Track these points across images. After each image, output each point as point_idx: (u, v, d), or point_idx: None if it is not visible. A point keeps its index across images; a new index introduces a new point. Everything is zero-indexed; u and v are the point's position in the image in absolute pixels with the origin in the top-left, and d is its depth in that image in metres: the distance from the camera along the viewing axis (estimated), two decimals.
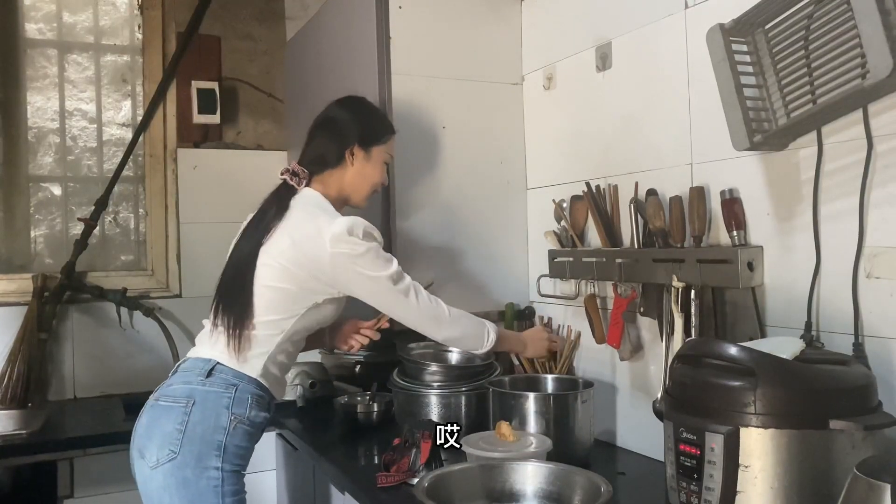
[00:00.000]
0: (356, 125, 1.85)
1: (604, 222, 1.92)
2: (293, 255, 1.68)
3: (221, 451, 1.61)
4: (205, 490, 1.59)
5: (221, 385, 1.65)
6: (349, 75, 2.37)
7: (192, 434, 1.60)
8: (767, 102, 1.42)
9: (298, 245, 1.68)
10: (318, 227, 1.68)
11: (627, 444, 1.92)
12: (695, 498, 1.20)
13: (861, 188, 1.34)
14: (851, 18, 1.20)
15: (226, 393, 1.64)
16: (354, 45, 2.32)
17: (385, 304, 1.76)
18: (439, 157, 2.23)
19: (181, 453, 1.58)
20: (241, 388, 1.66)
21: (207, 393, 1.63)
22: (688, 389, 1.27)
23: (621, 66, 1.93)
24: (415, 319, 1.78)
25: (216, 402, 1.63)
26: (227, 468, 1.62)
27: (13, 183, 2.90)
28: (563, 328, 2.14)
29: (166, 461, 1.58)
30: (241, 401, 1.65)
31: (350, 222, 1.68)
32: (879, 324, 1.33)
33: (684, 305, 1.60)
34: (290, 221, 1.72)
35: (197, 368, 1.67)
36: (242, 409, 1.65)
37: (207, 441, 1.60)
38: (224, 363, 1.67)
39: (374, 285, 1.71)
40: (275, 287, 1.69)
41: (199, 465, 1.59)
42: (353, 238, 1.67)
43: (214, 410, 1.62)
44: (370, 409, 2.21)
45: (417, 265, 2.18)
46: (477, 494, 1.42)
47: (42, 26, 2.95)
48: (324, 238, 1.66)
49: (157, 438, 1.61)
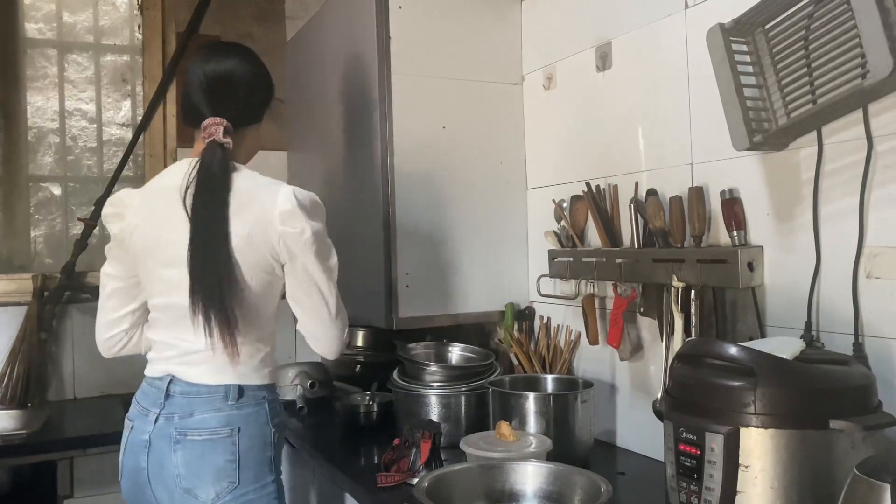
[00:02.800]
0: (270, 79, 1.72)
1: (604, 222, 1.92)
2: (252, 243, 1.52)
3: (272, 464, 1.60)
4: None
5: (254, 403, 1.57)
6: (349, 75, 2.37)
7: (247, 460, 1.54)
8: (767, 102, 1.42)
9: (254, 231, 1.52)
10: (262, 204, 1.52)
11: (627, 444, 1.92)
12: (695, 498, 1.20)
13: (861, 188, 1.34)
14: (851, 18, 1.20)
15: (262, 409, 1.58)
16: (354, 45, 2.32)
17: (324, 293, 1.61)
18: (439, 157, 2.23)
19: (241, 481, 1.53)
20: (270, 400, 1.61)
21: (248, 416, 1.55)
22: (688, 389, 1.27)
23: (621, 66, 1.93)
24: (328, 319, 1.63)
25: (257, 421, 1.57)
26: (278, 476, 1.62)
27: (13, 183, 2.90)
28: (562, 328, 2.14)
29: (227, 494, 1.52)
30: (275, 411, 1.62)
31: (302, 193, 1.55)
32: (879, 324, 1.33)
33: (684, 305, 1.60)
34: (237, 201, 1.53)
35: (220, 394, 1.55)
36: (277, 418, 1.62)
37: (260, 461, 1.57)
38: (247, 383, 1.57)
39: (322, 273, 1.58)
40: (254, 279, 1.54)
41: (258, 485, 1.56)
42: (302, 214, 1.53)
43: (259, 430, 1.57)
44: (370, 409, 2.22)
45: (417, 265, 2.19)
46: (477, 494, 1.42)
47: (42, 26, 2.95)
48: (272, 216, 1.52)
49: (208, 475, 1.52)
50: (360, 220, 2.31)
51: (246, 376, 1.57)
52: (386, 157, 2.17)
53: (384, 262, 2.16)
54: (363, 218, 2.28)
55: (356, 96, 2.31)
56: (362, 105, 2.26)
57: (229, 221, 1.51)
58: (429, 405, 1.95)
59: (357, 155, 2.33)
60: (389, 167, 2.17)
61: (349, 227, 2.34)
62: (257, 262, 1.53)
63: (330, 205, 2.22)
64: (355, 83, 2.31)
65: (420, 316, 2.20)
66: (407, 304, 2.17)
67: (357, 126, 2.32)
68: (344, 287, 2.23)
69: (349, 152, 2.40)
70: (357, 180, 2.33)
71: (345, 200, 2.43)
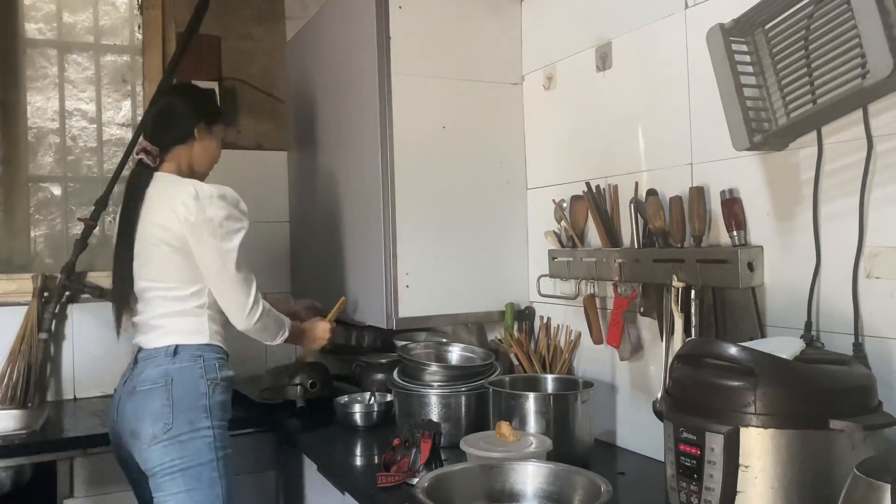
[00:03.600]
0: (201, 104, 2.06)
1: (604, 222, 1.92)
2: (170, 234, 1.87)
3: (209, 412, 1.85)
4: (202, 447, 1.83)
5: (189, 359, 1.88)
6: (349, 75, 2.37)
7: (180, 405, 1.83)
8: (767, 102, 1.42)
9: (165, 224, 1.87)
10: (171, 202, 1.87)
11: (627, 444, 1.92)
12: (695, 498, 1.20)
13: (861, 188, 1.34)
14: (851, 18, 1.20)
15: (195, 364, 1.88)
16: (354, 45, 2.32)
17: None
18: (439, 157, 2.23)
19: (174, 424, 1.81)
20: (206, 357, 1.89)
21: (181, 369, 1.86)
22: (688, 389, 1.27)
23: (621, 66, 1.93)
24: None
25: (191, 373, 1.86)
26: (216, 424, 1.86)
27: (13, 183, 2.90)
28: (562, 328, 2.14)
29: (162, 434, 1.81)
30: (210, 367, 1.89)
31: (204, 187, 1.87)
32: (879, 324, 1.33)
33: (684, 305, 1.60)
34: (150, 207, 1.92)
35: (161, 354, 1.89)
36: (214, 373, 1.89)
37: (195, 407, 1.84)
38: (181, 342, 1.89)
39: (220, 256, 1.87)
40: (173, 265, 1.89)
41: (192, 429, 1.83)
42: (203, 203, 1.85)
43: (192, 380, 1.86)
44: (370, 409, 2.22)
45: (417, 265, 2.19)
46: (477, 494, 1.42)
47: (42, 26, 2.95)
48: (178, 208, 1.85)
49: (148, 418, 1.83)
50: (360, 219, 2.32)
51: (184, 338, 1.90)
52: (386, 157, 2.17)
53: (384, 262, 2.16)
54: (363, 218, 2.28)
55: (356, 96, 2.31)
56: (362, 105, 2.26)
57: (138, 221, 1.93)
58: (429, 405, 1.95)
59: (357, 155, 2.33)
60: (389, 167, 2.17)
61: (349, 227, 2.34)
62: (174, 241, 1.87)
63: (330, 205, 2.24)
64: (355, 83, 2.31)
65: (420, 316, 2.21)
66: (407, 304, 2.17)
67: (357, 126, 2.32)
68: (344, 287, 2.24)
69: (349, 152, 2.40)
70: (357, 180, 2.33)
71: (345, 200, 2.43)
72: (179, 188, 1.89)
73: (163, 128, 2.01)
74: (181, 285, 1.90)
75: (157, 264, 1.92)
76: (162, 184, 1.95)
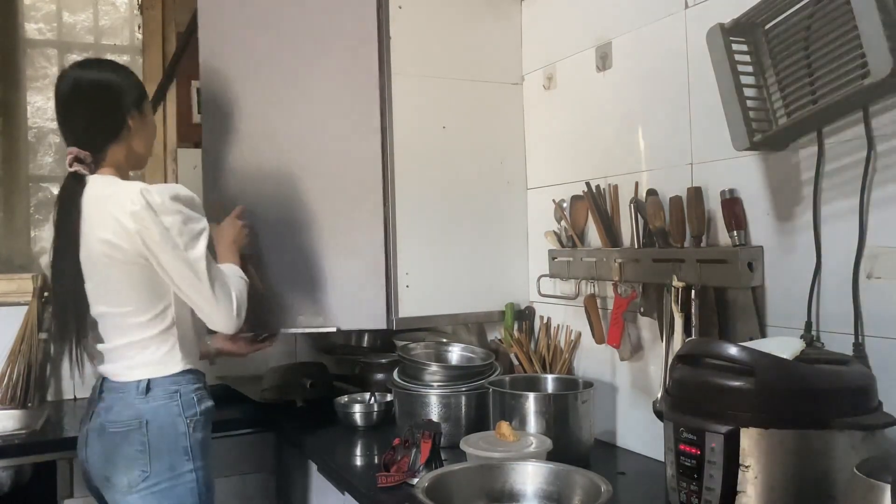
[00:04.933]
0: (127, 86, 1.74)
1: (604, 222, 1.92)
2: (121, 252, 1.61)
3: (190, 453, 1.66)
4: (183, 494, 1.64)
5: (164, 396, 1.66)
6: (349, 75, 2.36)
7: (158, 449, 1.63)
8: (767, 102, 1.42)
9: (113, 240, 1.61)
10: (116, 213, 1.59)
11: (627, 444, 1.92)
12: (695, 498, 1.20)
13: (861, 188, 1.34)
14: (851, 18, 1.20)
15: (172, 402, 1.66)
16: (355, 45, 2.32)
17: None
18: (439, 157, 2.23)
19: (153, 471, 1.62)
20: (184, 391, 1.68)
21: (156, 409, 1.65)
22: (688, 389, 1.27)
23: (621, 66, 1.93)
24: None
25: (167, 412, 1.65)
26: (198, 465, 1.67)
27: (13, 183, 2.90)
28: (562, 328, 2.14)
29: (140, 482, 1.62)
30: (188, 401, 1.68)
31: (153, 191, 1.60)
32: (879, 324, 1.33)
33: (684, 305, 1.60)
34: (90, 220, 1.64)
35: (131, 390, 1.66)
36: (193, 409, 1.68)
37: (174, 450, 1.65)
38: (153, 376, 1.67)
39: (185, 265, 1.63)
40: (130, 287, 1.65)
41: (173, 475, 1.64)
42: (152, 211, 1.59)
43: (169, 420, 1.65)
44: (370, 409, 2.22)
45: (417, 265, 2.19)
46: (477, 494, 1.42)
47: (42, 26, 2.95)
48: (127, 222, 1.58)
49: (122, 464, 1.63)
50: (360, 219, 2.31)
51: (155, 370, 1.67)
52: (386, 156, 2.17)
53: (384, 262, 2.16)
54: (363, 218, 2.28)
55: (356, 96, 2.31)
56: (362, 104, 2.26)
57: (80, 239, 1.64)
58: (429, 405, 1.95)
59: (357, 155, 2.32)
60: (389, 167, 2.17)
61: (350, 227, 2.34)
62: (129, 259, 1.62)
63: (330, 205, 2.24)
64: (355, 83, 2.31)
65: (420, 316, 2.21)
66: (407, 304, 2.17)
67: (357, 126, 2.31)
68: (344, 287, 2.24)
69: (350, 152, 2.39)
70: (357, 180, 2.33)
71: (345, 201, 2.43)
72: (124, 195, 1.59)
73: (86, 127, 1.71)
74: (141, 309, 1.65)
75: (113, 286, 1.66)
76: (99, 190, 1.65)
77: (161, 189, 1.61)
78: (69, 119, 1.73)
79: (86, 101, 1.71)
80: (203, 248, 1.63)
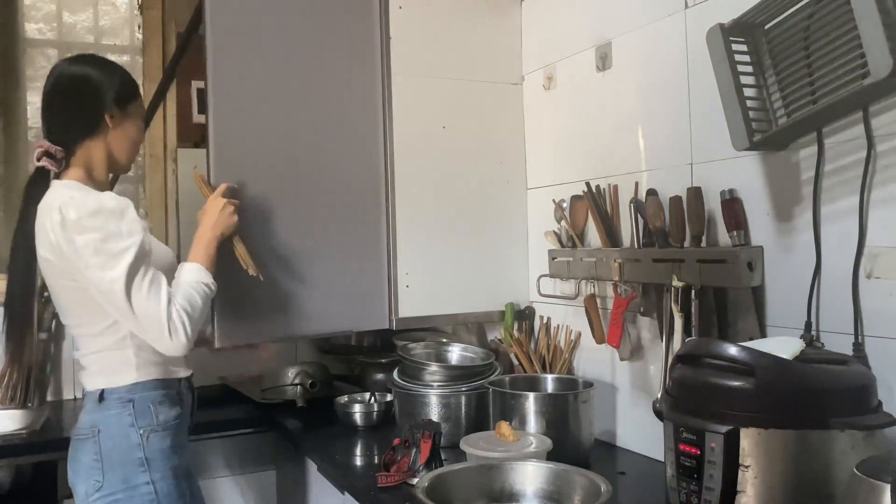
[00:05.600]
0: (110, 84, 1.68)
1: (604, 222, 1.92)
2: (57, 267, 1.59)
3: (146, 465, 1.62)
4: None
5: (117, 406, 1.63)
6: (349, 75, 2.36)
7: (110, 460, 1.61)
8: (767, 102, 1.42)
9: (48, 255, 1.59)
10: (45, 227, 1.56)
11: (627, 444, 1.92)
12: (695, 498, 1.20)
13: (861, 188, 1.34)
14: (851, 19, 1.20)
15: (125, 411, 1.63)
16: (355, 45, 2.32)
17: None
18: (439, 157, 2.23)
19: (105, 481, 1.60)
20: (138, 400, 1.64)
21: (107, 418, 1.63)
22: (688, 389, 1.27)
23: (621, 66, 1.93)
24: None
25: (118, 423, 1.62)
26: (157, 478, 1.62)
27: (13, 183, 2.90)
28: (562, 328, 2.14)
29: (94, 492, 1.61)
30: (143, 411, 1.64)
31: (70, 206, 1.53)
32: (879, 324, 1.33)
33: (684, 305, 1.60)
34: (37, 231, 1.61)
35: (91, 398, 1.66)
36: (148, 419, 1.64)
37: (127, 461, 1.61)
38: (107, 386, 1.64)
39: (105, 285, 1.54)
40: (73, 301, 1.63)
41: (128, 488, 1.61)
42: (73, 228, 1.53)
43: (120, 430, 1.62)
44: (370, 409, 2.22)
45: (417, 265, 2.19)
46: (477, 494, 1.42)
47: (42, 26, 2.95)
48: (52, 238, 1.55)
49: (81, 472, 1.63)
50: (360, 219, 2.31)
51: (109, 379, 1.65)
52: (386, 156, 2.17)
53: (384, 262, 2.16)
54: (363, 218, 2.27)
55: (356, 96, 2.31)
56: (362, 104, 2.26)
57: (34, 246, 1.62)
58: (429, 405, 1.95)
59: (357, 155, 2.32)
60: (389, 167, 2.17)
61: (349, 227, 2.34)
62: (62, 274, 1.59)
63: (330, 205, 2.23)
64: (355, 83, 2.31)
65: (420, 316, 2.21)
66: (407, 304, 2.17)
67: (357, 126, 2.31)
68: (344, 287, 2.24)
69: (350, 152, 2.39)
70: (357, 180, 2.33)
71: (345, 201, 2.42)
72: (50, 210, 1.54)
73: (61, 121, 1.65)
74: (90, 322, 1.62)
75: (58, 300, 1.65)
76: (48, 198, 1.60)
77: (81, 204, 1.54)
78: (47, 112, 1.68)
79: (63, 94, 1.67)
80: (123, 269, 1.52)
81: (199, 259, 1.70)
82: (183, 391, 1.76)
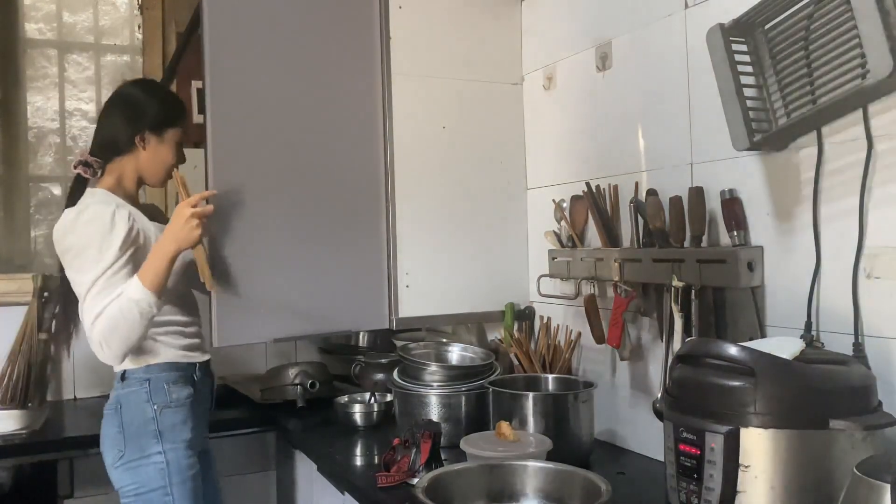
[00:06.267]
0: (149, 108, 1.86)
1: (604, 222, 1.92)
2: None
3: (159, 437, 1.80)
4: (152, 474, 1.79)
5: (136, 384, 1.82)
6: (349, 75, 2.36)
7: (130, 431, 1.80)
8: (767, 102, 1.42)
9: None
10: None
11: (627, 444, 1.92)
12: (695, 498, 1.20)
13: (861, 188, 1.34)
14: (851, 18, 1.20)
15: (142, 389, 1.82)
16: (355, 45, 2.32)
17: None
18: (439, 157, 2.23)
19: (126, 450, 1.80)
20: (154, 380, 1.83)
21: (128, 395, 1.82)
22: (688, 389, 1.27)
23: (621, 66, 1.93)
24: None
25: (136, 399, 1.81)
26: (168, 448, 1.80)
27: (13, 183, 2.90)
28: (562, 328, 2.14)
29: (117, 459, 1.80)
30: (158, 389, 1.83)
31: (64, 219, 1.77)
32: (879, 324, 1.33)
33: (684, 305, 1.60)
34: None
35: (117, 378, 1.85)
36: (162, 397, 1.82)
37: (143, 433, 1.80)
38: (128, 367, 1.83)
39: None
40: None
41: (142, 455, 1.79)
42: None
43: (138, 405, 1.81)
44: (370, 409, 2.22)
45: (417, 265, 2.19)
46: (477, 494, 1.42)
47: (42, 26, 2.95)
48: None
49: (107, 442, 1.83)
50: (360, 219, 2.31)
51: (130, 361, 1.83)
52: (386, 157, 2.17)
53: (384, 262, 2.16)
54: (363, 217, 2.27)
55: (356, 96, 2.31)
56: (362, 104, 2.25)
57: None
58: (429, 405, 1.95)
59: (357, 155, 2.32)
60: (390, 167, 2.17)
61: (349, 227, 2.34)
62: None
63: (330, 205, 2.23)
64: (355, 83, 2.31)
65: (420, 316, 2.21)
66: (407, 304, 2.17)
67: (357, 126, 2.31)
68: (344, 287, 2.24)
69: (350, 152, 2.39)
70: (357, 181, 2.33)
71: (345, 201, 2.42)
72: (68, 213, 1.78)
73: (101, 136, 1.87)
74: None
75: None
76: (77, 203, 1.82)
77: (92, 209, 1.74)
78: (97, 124, 1.91)
79: (108, 111, 1.89)
80: (91, 277, 1.70)
81: (147, 273, 1.71)
82: (198, 374, 1.92)
